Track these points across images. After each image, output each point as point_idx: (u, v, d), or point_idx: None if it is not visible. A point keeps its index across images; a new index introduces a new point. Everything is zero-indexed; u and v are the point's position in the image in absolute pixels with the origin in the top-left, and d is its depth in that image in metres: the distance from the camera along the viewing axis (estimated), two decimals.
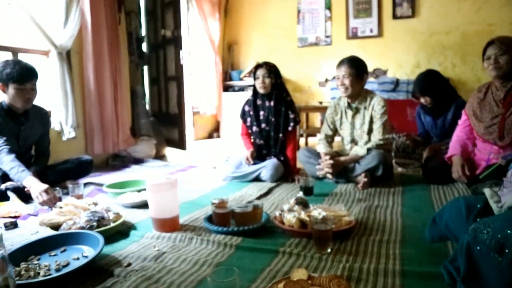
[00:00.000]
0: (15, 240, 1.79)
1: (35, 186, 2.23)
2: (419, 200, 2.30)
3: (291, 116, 2.97)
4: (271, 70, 2.93)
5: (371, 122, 2.74)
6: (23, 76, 2.39)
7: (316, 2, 6.05)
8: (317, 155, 2.89)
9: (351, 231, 1.74)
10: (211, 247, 1.64)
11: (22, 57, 3.34)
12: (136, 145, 4.07)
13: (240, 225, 1.77)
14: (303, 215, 1.72)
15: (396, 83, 5.39)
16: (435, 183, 2.63)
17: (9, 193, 2.36)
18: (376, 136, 2.70)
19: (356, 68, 2.69)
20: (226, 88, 6.38)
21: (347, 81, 2.68)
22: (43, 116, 2.78)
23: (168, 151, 4.59)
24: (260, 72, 2.91)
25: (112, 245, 1.70)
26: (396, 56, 5.67)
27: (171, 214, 1.82)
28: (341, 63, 2.73)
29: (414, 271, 1.35)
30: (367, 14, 5.74)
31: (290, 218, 1.71)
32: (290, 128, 2.98)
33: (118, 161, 3.96)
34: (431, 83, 3.02)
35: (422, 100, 3.11)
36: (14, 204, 2.29)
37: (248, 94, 5.90)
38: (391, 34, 5.66)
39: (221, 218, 1.79)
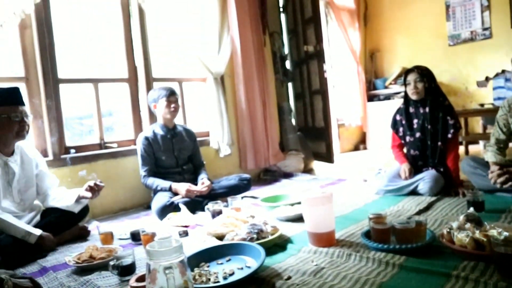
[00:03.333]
0: (186, 247, 2.00)
1: (180, 187, 2.82)
2: None
3: (451, 122, 2.67)
4: (424, 73, 2.71)
5: None
6: (168, 91, 3.02)
7: None
8: (485, 165, 2.53)
9: None
10: (371, 265, 1.56)
11: (185, 85, 3.81)
12: (285, 159, 4.21)
13: (402, 243, 1.64)
14: (478, 235, 1.50)
15: None
16: None
17: (180, 205, 2.67)
18: None
19: None
20: (371, 98, 6.16)
21: None
22: (190, 133, 3.25)
23: (316, 164, 4.62)
24: (411, 77, 2.72)
25: (271, 257, 1.76)
26: None
27: (327, 228, 1.81)
28: None
29: None
30: None
31: (462, 238, 1.52)
32: (450, 136, 2.68)
33: (269, 175, 4.15)
34: None
35: None
36: (184, 215, 2.58)
37: (395, 102, 5.65)
38: None
39: (381, 234, 1.69)
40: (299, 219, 2.26)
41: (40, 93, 2.85)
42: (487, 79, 5.37)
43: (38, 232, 2.13)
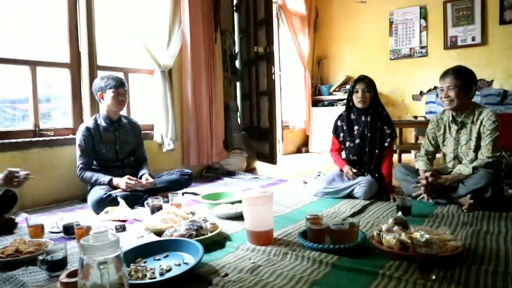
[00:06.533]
0: (123, 242, 1.95)
1: (121, 180, 2.74)
2: None
3: (388, 131, 2.85)
4: (371, 84, 2.86)
5: (478, 138, 2.50)
6: (118, 82, 2.89)
7: (410, 12, 5.80)
8: (415, 173, 2.73)
9: (459, 257, 1.59)
10: (306, 264, 1.62)
11: (131, 76, 3.70)
12: (229, 158, 4.22)
13: (336, 243, 1.72)
14: (403, 237, 1.62)
15: (504, 95, 4.89)
16: None
17: (119, 199, 2.59)
18: (485, 154, 2.45)
19: (463, 79, 2.48)
20: (315, 103, 6.36)
21: (452, 93, 2.48)
22: (135, 126, 3.14)
23: (258, 164, 4.68)
24: (360, 86, 2.84)
25: (210, 254, 1.76)
26: (504, 65, 5.17)
27: (266, 227, 1.85)
28: (445, 73, 2.55)
29: None
30: (469, 21, 5.35)
31: (389, 239, 1.63)
32: (386, 144, 2.85)
33: (212, 173, 4.14)
34: None
35: None
36: (122, 209, 2.51)
37: (337, 108, 5.89)
38: (498, 41, 5.18)
39: (317, 234, 1.77)
40: (239, 217, 2.29)
41: None
42: (421, 93, 5.78)
43: None
